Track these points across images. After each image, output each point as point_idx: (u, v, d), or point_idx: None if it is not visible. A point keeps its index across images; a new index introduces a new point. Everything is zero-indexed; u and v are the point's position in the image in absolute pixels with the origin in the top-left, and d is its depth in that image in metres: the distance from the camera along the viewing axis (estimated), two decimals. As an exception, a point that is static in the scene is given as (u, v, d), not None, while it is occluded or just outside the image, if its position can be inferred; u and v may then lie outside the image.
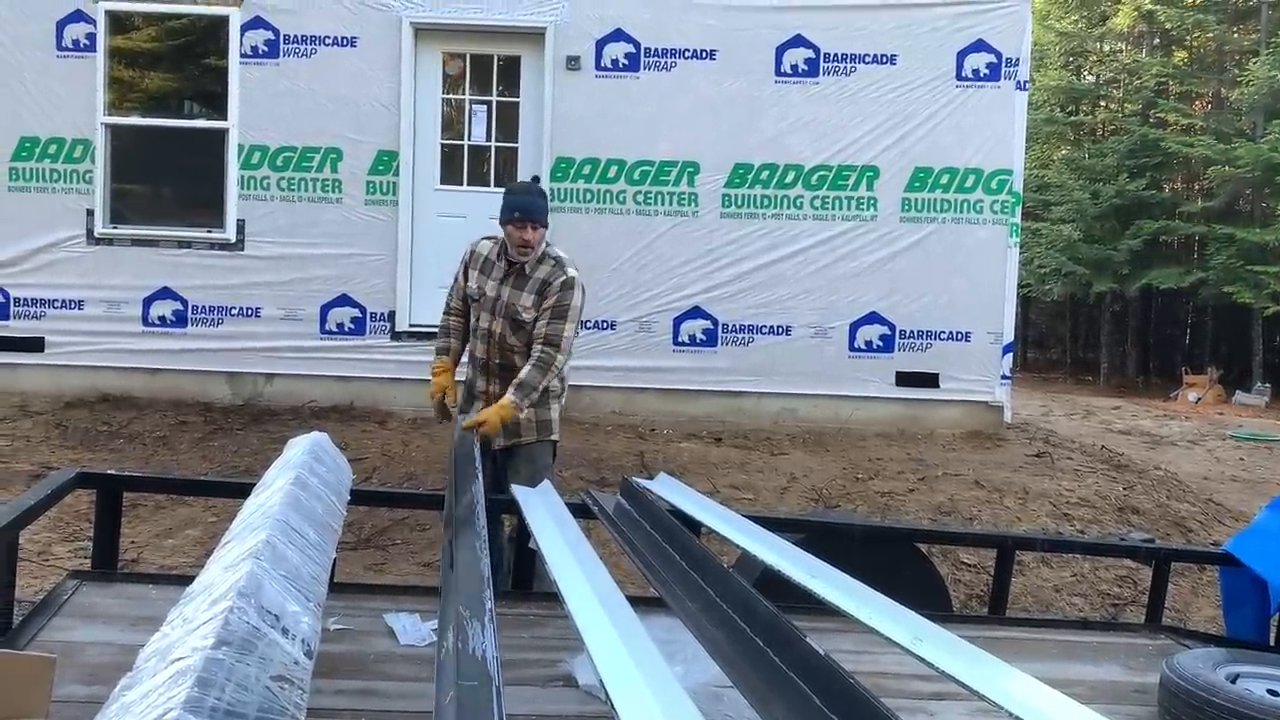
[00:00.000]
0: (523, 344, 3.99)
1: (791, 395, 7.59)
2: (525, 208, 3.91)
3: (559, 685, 2.74)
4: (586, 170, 7.49)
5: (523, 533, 3.49)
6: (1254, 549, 3.95)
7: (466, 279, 4.12)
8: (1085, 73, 26.13)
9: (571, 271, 3.98)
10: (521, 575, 3.74)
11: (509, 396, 3.87)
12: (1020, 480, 6.49)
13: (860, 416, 7.54)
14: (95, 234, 7.47)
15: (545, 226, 3.98)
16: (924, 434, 7.45)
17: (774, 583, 2.80)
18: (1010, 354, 7.79)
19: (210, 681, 1.44)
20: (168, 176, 7.92)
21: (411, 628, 3.00)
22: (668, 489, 3.70)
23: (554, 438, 4.19)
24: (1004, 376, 7.58)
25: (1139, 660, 3.46)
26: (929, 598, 3.70)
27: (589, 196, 7.46)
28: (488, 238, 4.18)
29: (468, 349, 4.19)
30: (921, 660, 2.19)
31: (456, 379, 4.26)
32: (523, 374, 3.88)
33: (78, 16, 7.39)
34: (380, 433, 6.95)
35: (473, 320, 4.12)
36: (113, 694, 1.53)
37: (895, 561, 3.69)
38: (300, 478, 2.67)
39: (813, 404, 7.58)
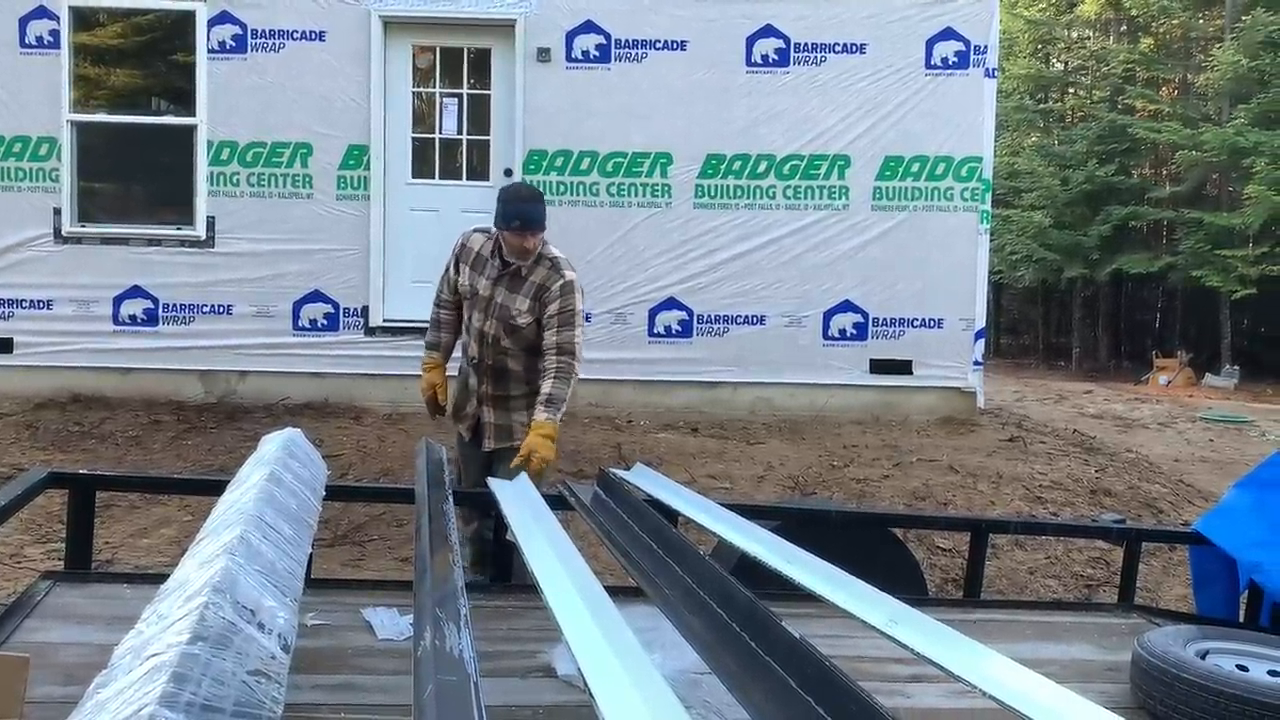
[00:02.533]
0: (518, 347, 3.89)
1: (767, 384, 7.63)
2: (525, 216, 3.76)
3: (538, 675, 2.75)
4: (559, 162, 7.48)
5: (500, 525, 3.49)
6: (1222, 528, 4.01)
7: (458, 272, 3.99)
8: (1054, 60, 26.32)
9: (569, 274, 3.88)
10: (500, 567, 3.75)
11: (544, 415, 3.75)
12: (994, 465, 6.55)
13: (835, 404, 7.59)
14: (63, 233, 7.38)
15: (543, 230, 3.85)
16: (898, 420, 7.50)
17: (751, 570, 2.82)
18: (982, 340, 7.86)
19: (186, 677, 1.43)
20: (136, 174, 7.84)
21: (389, 622, 3.00)
22: (644, 479, 3.71)
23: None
24: (976, 362, 7.65)
25: (1111, 639, 3.51)
26: (904, 582, 3.73)
27: (562, 189, 7.45)
28: (479, 230, 4.04)
29: (460, 343, 4.10)
30: (897, 643, 2.21)
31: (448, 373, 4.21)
32: (549, 389, 3.78)
33: (41, 13, 7.30)
34: (355, 429, 6.93)
35: (465, 316, 4.01)
36: (88, 691, 1.53)
37: (870, 546, 3.73)
38: (274, 474, 2.66)
39: (788, 393, 7.61)
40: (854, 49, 7.51)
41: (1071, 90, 26.16)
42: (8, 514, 2.90)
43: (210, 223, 7.42)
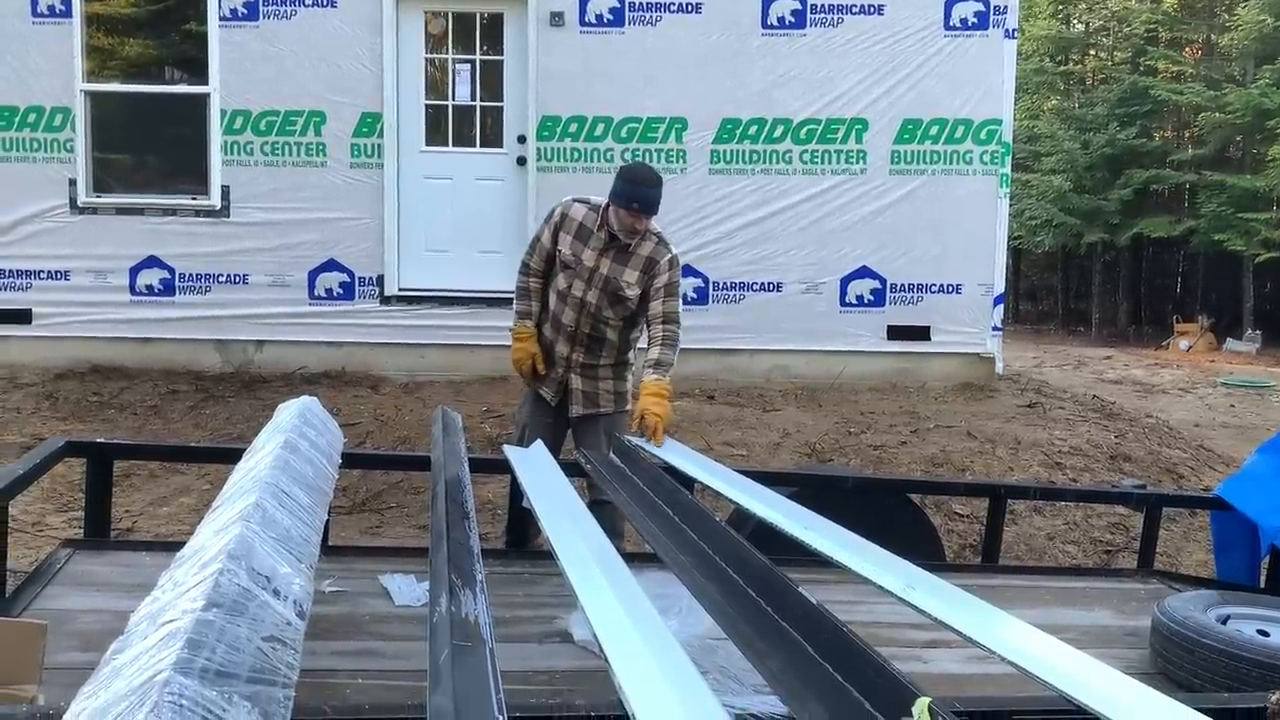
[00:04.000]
0: (619, 317, 3.95)
1: (783, 351, 7.59)
2: (646, 199, 3.81)
3: (555, 641, 2.75)
4: (573, 128, 7.42)
5: (515, 491, 3.49)
6: (1244, 493, 3.98)
7: (556, 242, 3.98)
8: (1074, 21, 25.89)
9: (675, 249, 3.98)
10: (516, 533, 3.76)
11: (653, 376, 3.84)
12: (1012, 430, 6.51)
13: (852, 371, 7.54)
14: (79, 203, 7.39)
15: (655, 214, 3.90)
16: (916, 387, 7.46)
17: (767, 536, 2.81)
18: (1001, 305, 7.78)
19: (200, 643, 1.43)
20: (150, 144, 7.83)
21: (406, 588, 3.01)
22: (660, 446, 3.70)
23: (628, 408, 4.14)
24: (995, 328, 7.58)
25: (1131, 604, 3.49)
26: (922, 548, 3.71)
27: (576, 155, 7.40)
28: (579, 200, 4.04)
29: (550, 311, 4.04)
30: (914, 608, 2.19)
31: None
32: (658, 355, 3.89)
33: (52, -19, 7.27)
34: (373, 398, 6.94)
35: (560, 285, 3.98)
36: (104, 658, 1.53)
37: (888, 513, 3.71)
38: (290, 441, 2.65)
39: (805, 360, 7.57)
40: (872, 9, 7.40)
41: (1092, 52, 25.76)
42: (27, 483, 2.92)
43: (225, 192, 7.41)
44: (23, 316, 7.38)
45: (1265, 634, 3.05)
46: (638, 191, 3.80)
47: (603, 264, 3.89)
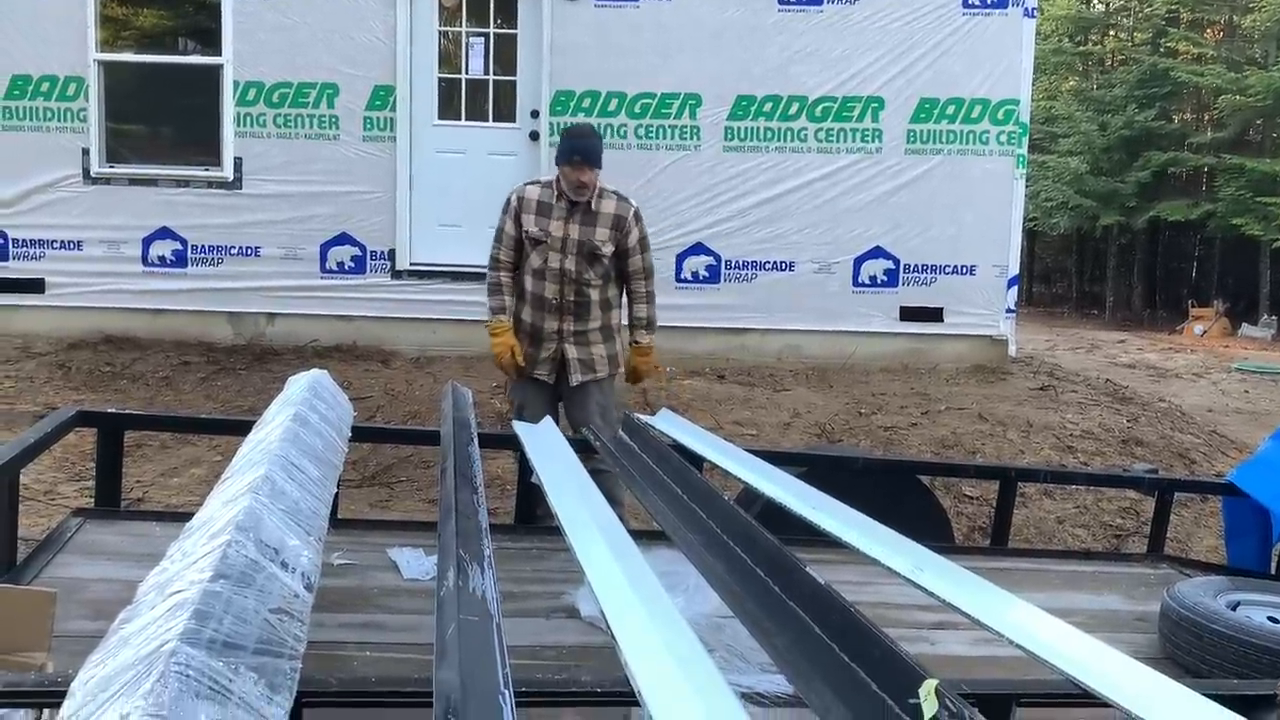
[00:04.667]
0: (598, 276, 4.10)
1: (795, 331, 7.56)
2: (584, 150, 4.02)
3: (562, 616, 2.76)
4: (586, 103, 7.37)
5: (525, 467, 3.49)
6: (1257, 478, 3.95)
7: (520, 225, 4.11)
8: (1094, 1, 25.61)
9: (635, 203, 4.19)
10: (525, 509, 3.76)
11: (645, 338, 4.23)
12: (1024, 413, 6.48)
13: (864, 352, 7.51)
14: (92, 173, 7.39)
15: (600, 168, 4.09)
16: (928, 368, 7.43)
17: (775, 516, 2.80)
18: (1015, 287, 7.74)
19: (208, 614, 1.43)
20: (163, 114, 7.81)
21: (415, 562, 3.02)
22: (670, 424, 3.69)
23: (621, 370, 4.32)
24: (1008, 310, 7.54)
25: (1140, 589, 3.48)
26: (931, 530, 3.71)
27: (589, 131, 7.35)
28: (530, 182, 4.24)
29: (528, 293, 4.15)
30: (922, 589, 2.19)
31: None
32: (643, 313, 4.20)
33: (65, -50, 7.24)
34: (384, 372, 6.95)
35: (534, 264, 4.09)
36: (112, 626, 1.53)
37: (898, 494, 3.70)
38: (300, 414, 2.66)
39: (816, 340, 7.54)
40: (889, -15, 7.33)
41: (1112, 32, 25.49)
42: (37, 451, 2.93)
43: (238, 164, 7.40)
44: (36, 286, 7.41)
45: (1276, 621, 3.03)
46: (576, 144, 4.05)
47: (571, 229, 4.04)
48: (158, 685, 1.22)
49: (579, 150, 4.01)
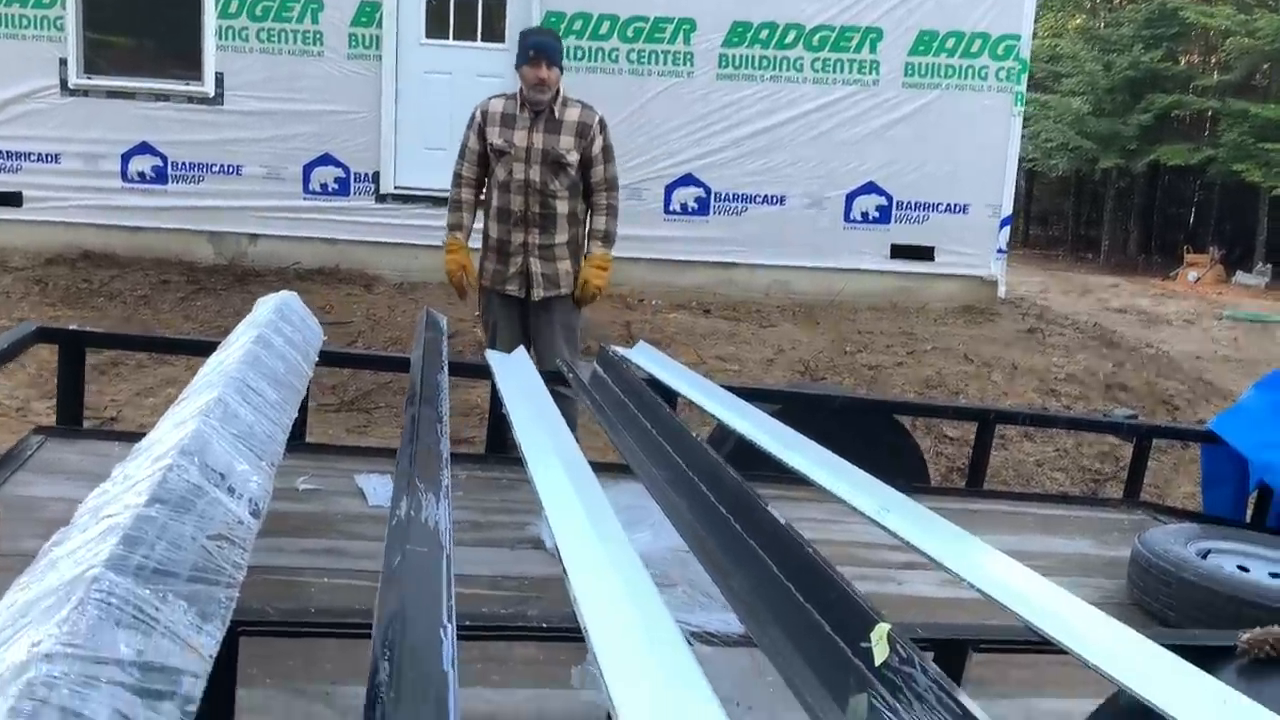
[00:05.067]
0: (564, 187, 4.02)
1: (784, 267, 7.48)
2: (540, 46, 3.94)
3: (527, 547, 2.73)
4: (578, 25, 7.19)
5: (496, 396, 3.45)
6: (1237, 427, 3.92)
7: (484, 139, 4.04)
8: (1107, -64, 25.07)
9: (600, 112, 4.06)
10: (497, 439, 3.72)
11: (599, 249, 4.05)
12: (1010, 355, 6.44)
13: (853, 289, 7.45)
14: (70, 85, 7.21)
15: (560, 68, 3.99)
16: (916, 308, 7.37)
17: (748, 454, 2.77)
18: (1007, 228, 7.65)
19: (138, 539, 1.38)
20: (143, 25, 7.59)
21: (381, 489, 2.98)
22: (646, 358, 3.63)
23: None
24: (1000, 250, 7.46)
25: (1113, 534, 3.47)
26: (907, 470, 3.68)
27: (580, 54, 7.18)
28: (495, 96, 4.13)
29: (494, 207, 4.08)
30: (886, 530, 2.15)
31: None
32: (603, 226, 4.06)
33: None
34: (366, 297, 6.87)
35: (499, 176, 4.03)
36: (43, 548, 1.49)
37: (874, 434, 3.66)
38: (263, 336, 2.59)
39: (805, 276, 7.47)
40: (893, -88, 7.11)
41: (1123, -31, 24.98)
42: (-5, 367, 2.86)
43: (219, 79, 7.22)
44: (13, 199, 7.27)
45: (1245, 570, 3.03)
46: (531, 40, 3.97)
47: (535, 138, 3.96)
48: (74, 613, 1.17)
49: (535, 46, 3.92)
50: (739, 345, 6.44)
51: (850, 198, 7.42)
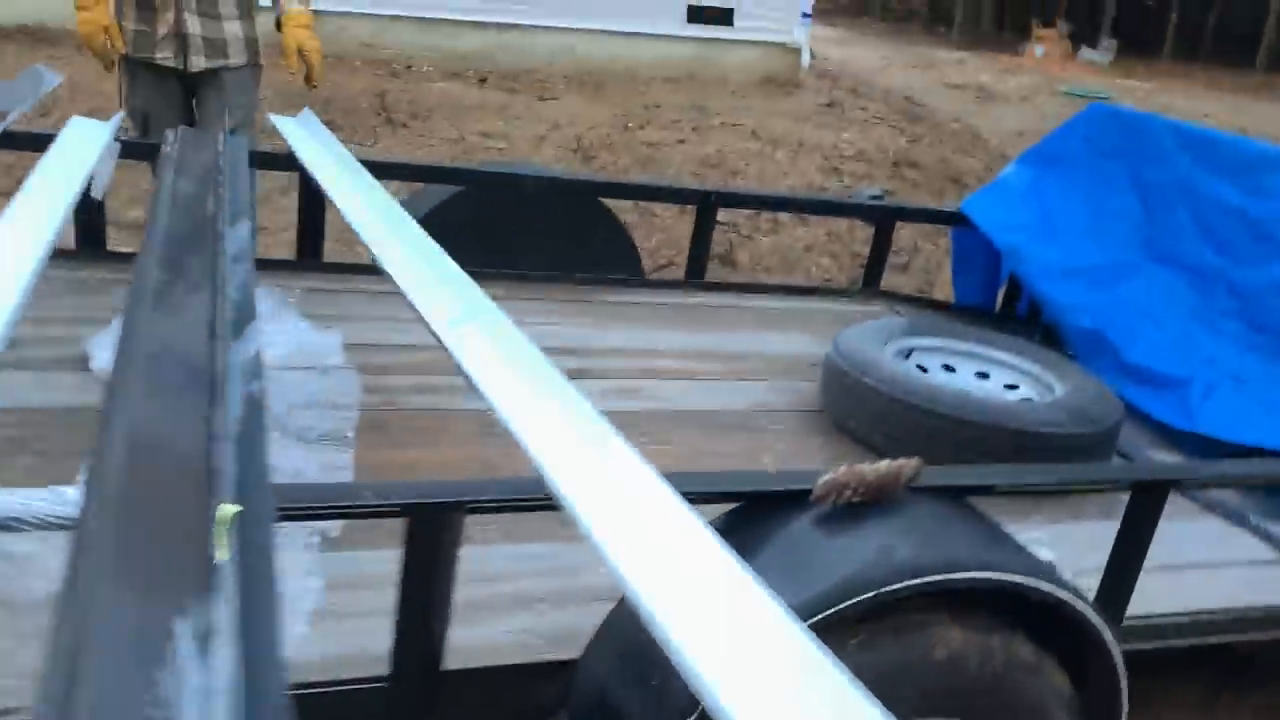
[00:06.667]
0: None
1: (571, 30, 6.74)
2: None
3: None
4: None
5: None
6: (989, 208, 3.58)
7: None
8: None
9: None
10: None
11: (296, 6, 3.20)
12: (801, 132, 5.98)
13: (647, 58, 6.79)
14: None
15: None
16: (715, 79, 6.79)
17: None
18: (814, -11, 7.03)
19: None
20: None
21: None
22: (301, 129, 3.00)
23: (259, 63, 3.37)
24: (804, 15, 6.87)
25: (835, 329, 3.13)
26: (615, 261, 3.24)
27: None
28: None
29: None
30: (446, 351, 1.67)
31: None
32: None
33: None
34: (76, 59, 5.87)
35: None
36: None
37: (578, 220, 3.18)
38: None
39: (594, 40, 6.76)
40: None
41: None
42: None
43: None
44: None
45: (951, 369, 2.73)
46: None
47: None
48: None
49: None
50: (509, 120, 5.79)
51: (647, -48, 6.65)
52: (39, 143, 2.77)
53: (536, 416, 1.41)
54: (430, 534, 1.32)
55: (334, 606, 1.56)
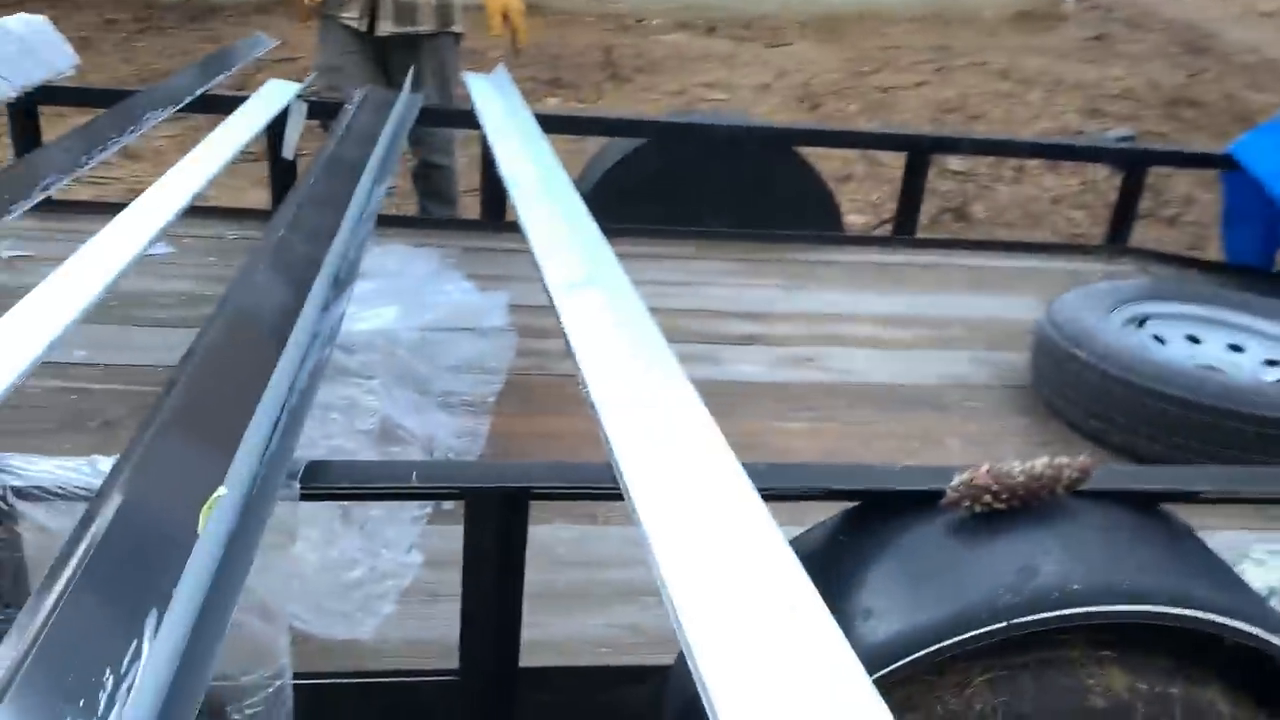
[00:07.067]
0: None
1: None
2: None
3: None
4: None
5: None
6: (1267, 150, 3.02)
7: None
8: None
9: None
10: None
11: None
12: (1059, 69, 5.36)
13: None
14: None
15: None
16: (966, 17, 6.24)
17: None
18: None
19: None
20: None
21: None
22: (490, 87, 2.94)
23: (458, 29, 3.27)
24: (1070, -62, 6.16)
25: (1063, 293, 2.73)
26: (809, 215, 2.98)
27: None
28: None
29: None
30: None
31: None
32: None
33: None
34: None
35: None
36: None
37: (767, 171, 2.94)
38: None
39: (832, -20, 6.38)
40: None
41: None
42: None
43: None
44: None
45: (1196, 341, 2.29)
46: None
47: None
48: None
49: None
50: (734, 69, 5.57)
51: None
52: (234, 105, 2.87)
53: (625, 394, 1.25)
54: (488, 520, 1.18)
55: (429, 585, 1.47)
